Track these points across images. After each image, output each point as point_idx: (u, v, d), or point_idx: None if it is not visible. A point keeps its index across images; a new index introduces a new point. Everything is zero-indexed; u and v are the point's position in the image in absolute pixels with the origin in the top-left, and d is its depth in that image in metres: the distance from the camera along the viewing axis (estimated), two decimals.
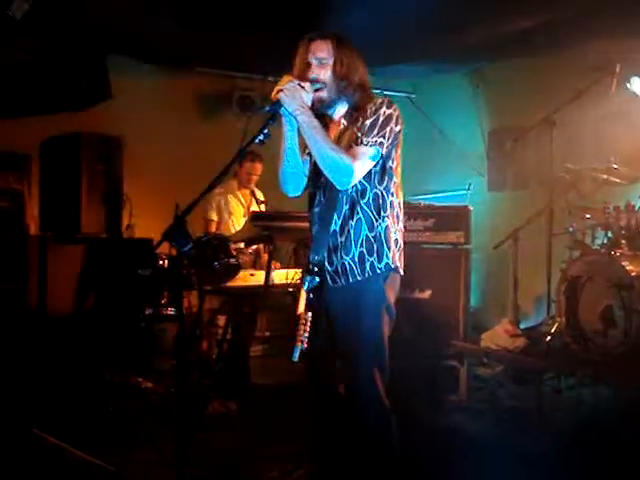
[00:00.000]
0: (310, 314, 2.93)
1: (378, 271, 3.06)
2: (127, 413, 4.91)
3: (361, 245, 3.05)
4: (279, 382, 5.21)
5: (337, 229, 3.07)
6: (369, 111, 3.04)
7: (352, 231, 3.06)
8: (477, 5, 5.86)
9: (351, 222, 3.06)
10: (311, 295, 3.00)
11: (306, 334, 2.90)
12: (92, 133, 6.09)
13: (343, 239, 3.07)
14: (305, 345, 2.89)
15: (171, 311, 5.57)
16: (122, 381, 5.35)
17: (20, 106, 6.18)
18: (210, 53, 7.37)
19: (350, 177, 2.96)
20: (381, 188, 3.08)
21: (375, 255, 3.05)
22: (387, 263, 3.07)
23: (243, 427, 4.74)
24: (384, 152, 3.02)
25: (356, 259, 3.05)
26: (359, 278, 3.06)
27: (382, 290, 3.08)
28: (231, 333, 5.49)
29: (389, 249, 3.07)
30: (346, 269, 3.07)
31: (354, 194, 3.06)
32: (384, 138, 2.99)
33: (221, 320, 5.72)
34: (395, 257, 3.10)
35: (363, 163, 2.97)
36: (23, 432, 4.16)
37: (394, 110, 3.06)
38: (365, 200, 3.06)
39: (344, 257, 3.06)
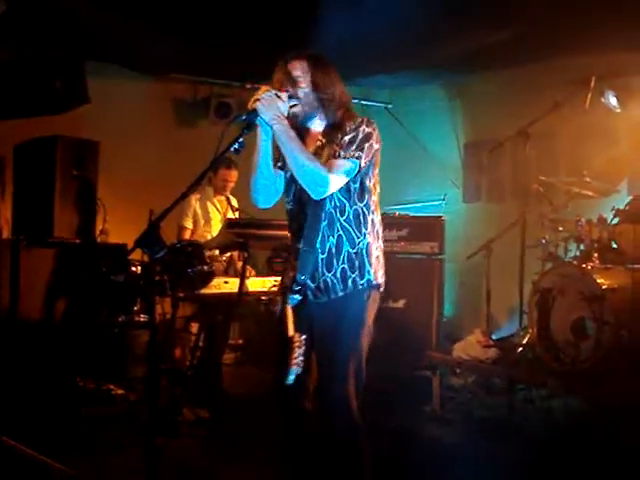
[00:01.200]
0: (304, 337, 2.92)
1: (360, 287, 3.07)
2: (98, 420, 4.87)
3: (343, 262, 3.07)
4: (251, 390, 5.21)
5: (318, 246, 3.07)
6: (348, 128, 3.05)
7: (333, 248, 3.07)
8: (454, 18, 5.91)
9: (332, 239, 3.07)
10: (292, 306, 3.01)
11: (301, 357, 2.88)
12: (68, 137, 6.03)
13: (325, 256, 3.08)
14: (300, 368, 2.88)
15: (144, 318, 5.53)
16: (94, 388, 5.31)
17: None
18: (188, 59, 7.36)
19: (325, 187, 2.96)
20: (361, 205, 3.10)
21: (357, 271, 3.07)
22: (369, 279, 3.09)
23: (214, 435, 4.72)
24: (362, 166, 3.03)
25: (338, 275, 3.07)
26: (341, 294, 3.08)
27: (363, 307, 3.10)
28: (204, 340, 5.47)
29: (370, 265, 3.09)
30: (328, 285, 3.08)
31: (332, 210, 3.07)
32: (362, 152, 3.00)
33: (194, 327, 5.70)
34: (377, 274, 3.13)
35: (339, 175, 2.98)
36: None
37: (373, 129, 3.08)
38: (345, 217, 3.08)
39: (326, 274, 3.07)
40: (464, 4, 5.62)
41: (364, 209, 3.11)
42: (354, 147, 3.00)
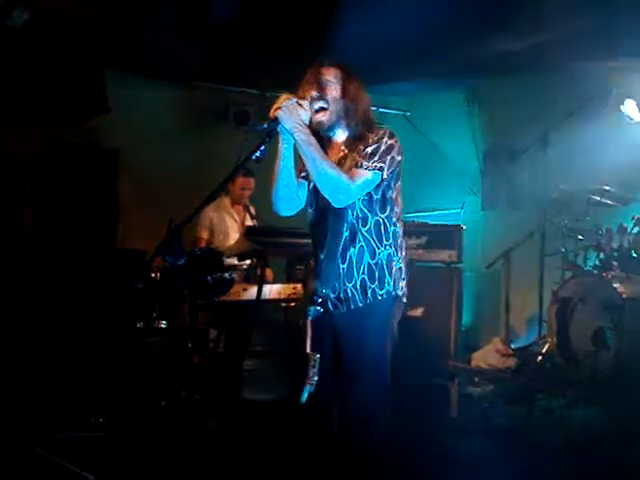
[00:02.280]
0: (318, 355, 2.89)
1: (379, 297, 3.08)
2: (118, 426, 4.89)
3: (363, 272, 3.07)
4: (269, 397, 5.20)
5: (339, 256, 3.08)
6: (370, 139, 3.06)
7: (354, 258, 3.08)
8: (472, 25, 5.90)
9: (353, 249, 3.08)
10: (311, 320, 3.00)
11: (315, 377, 2.86)
12: (88, 145, 6.10)
13: (345, 266, 3.08)
14: (314, 388, 2.85)
15: (163, 324, 5.55)
16: (113, 394, 5.33)
17: (17, 119, 6.18)
18: (207, 67, 7.39)
19: (347, 195, 2.97)
20: (383, 216, 3.11)
21: (377, 282, 3.07)
22: (388, 290, 3.09)
23: (233, 442, 4.72)
24: (385, 178, 3.03)
25: (358, 286, 3.07)
26: (360, 305, 3.08)
27: (385, 317, 3.11)
28: (224, 347, 5.48)
29: (390, 276, 3.09)
30: (348, 296, 3.09)
31: (354, 221, 3.08)
32: (384, 164, 3.01)
33: (213, 334, 5.71)
34: (397, 285, 3.12)
35: (361, 184, 2.99)
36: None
37: (395, 141, 3.08)
38: (367, 228, 3.08)
39: (346, 284, 3.08)
40: (484, 12, 5.61)
41: (385, 220, 3.11)
42: (376, 158, 3.00)
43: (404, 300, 3.19)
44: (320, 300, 3.03)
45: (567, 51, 6.39)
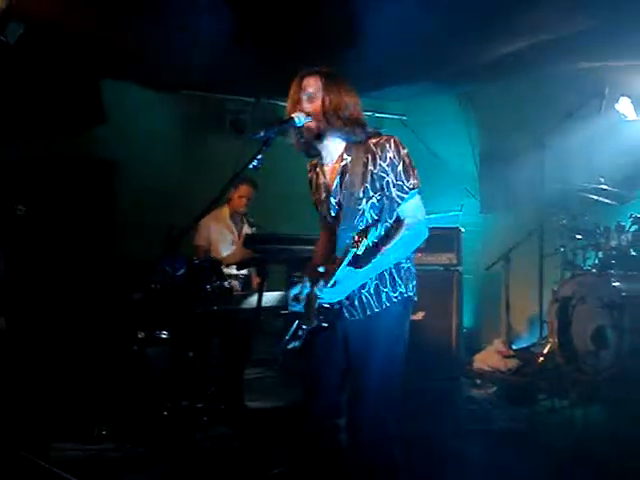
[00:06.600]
0: None
1: (394, 300, 3.09)
2: (118, 437, 4.88)
3: (375, 278, 3.07)
4: (272, 405, 5.20)
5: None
6: (390, 154, 3.06)
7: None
8: (467, 28, 5.92)
9: None
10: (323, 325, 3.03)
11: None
12: (85, 156, 6.10)
13: None
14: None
15: (164, 334, 5.55)
16: (113, 404, 5.32)
17: (14, 131, 6.19)
18: (203, 76, 7.40)
19: (426, 229, 3.10)
20: (391, 221, 3.12)
21: (389, 285, 3.09)
22: (401, 292, 3.10)
23: (236, 451, 4.71)
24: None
25: (372, 291, 3.08)
26: (376, 310, 3.09)
27: (399, 321, 3.12)
28: (224, 356, 5.48)
29: (401, 279, 3.11)
30: (363, 302, 3.09)
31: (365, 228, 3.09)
32: (416, 179, 3.10)
33: (214, 343, 5.70)
34: (408, 286, 3.14)
35: (421, 210, 3.11)
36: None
37: (404, 147, 3.10)
38: (377, 234, 3.09)
39: (360, 290, 3.08)
40: (479, 16, 5.63)
41: (394, 225, 3.12)
42: (410, 174, 3.08)
43: (415, 299, 3.21)
44: (329, 310, 3.03)
45: (561, 53, 6.41)
